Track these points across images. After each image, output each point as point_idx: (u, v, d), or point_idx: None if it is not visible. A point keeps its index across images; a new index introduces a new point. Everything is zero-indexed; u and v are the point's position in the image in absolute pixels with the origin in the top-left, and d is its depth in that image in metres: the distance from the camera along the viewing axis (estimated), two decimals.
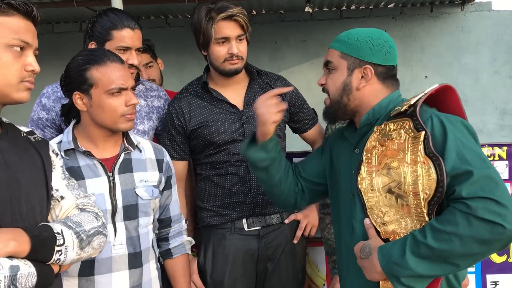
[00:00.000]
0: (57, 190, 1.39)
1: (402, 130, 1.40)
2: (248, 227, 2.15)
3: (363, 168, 1.47)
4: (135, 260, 1.72)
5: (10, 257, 1.15)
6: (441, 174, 1.29)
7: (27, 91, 1.30)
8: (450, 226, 1.26)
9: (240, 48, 2.07)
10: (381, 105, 1.54)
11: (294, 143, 2.61)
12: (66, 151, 1.69)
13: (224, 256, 2.15)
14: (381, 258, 1.36)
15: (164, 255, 1.91)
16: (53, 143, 1.69)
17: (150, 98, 2.22)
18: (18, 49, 1.26)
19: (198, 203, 2.24)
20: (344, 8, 5.13)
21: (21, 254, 1.17)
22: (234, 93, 2.17)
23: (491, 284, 2.50)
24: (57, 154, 1.46)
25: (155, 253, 1.83)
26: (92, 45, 2.01)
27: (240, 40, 2.08)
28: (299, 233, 2.25)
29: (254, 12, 5.16)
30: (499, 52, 5.10)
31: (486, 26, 5.08)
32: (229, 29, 2.04)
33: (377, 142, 1.45)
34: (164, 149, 1.90)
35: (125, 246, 1.70)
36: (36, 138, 1.40)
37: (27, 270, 1.16)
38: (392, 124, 1.44)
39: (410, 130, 1.37)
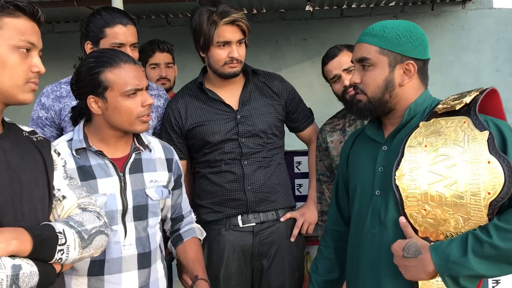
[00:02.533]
0: (59, 189, 1.39)
1: (459, 129, 1.36)
2: (243, 223, 2.17)
3: (404, 164, 1.42)
4: (144, 261, 1.72)
5: (12, 256, 1.16)
6: (509, 175, 1.27)
7: (31, 92, 1.31)
8: None
9: (240, 52, 2.10)
10: (417, 103, 1.52)
11: (295, 142, 2.61)
12: (77, 150, 1.68)
13: (219, 251, 2.17)
14: (436, 258, 1.32)
15: (175, 242, 1.91)
16: (62, 141, 1.69)
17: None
18: (24, 50, 1.27)
19: (195, 200, 2.27)
20: (345, 6, 5.13)
21: (23, 253, 1.17)
22: (230, 93, 2.19)
23: (493, 283, 2.50)
24: (58, 154, 1.45)
25: (162, 252, 1.84)
26: (88, 45, 2.04)
27: (240, 44, 2.09)
28: (295, 231, 2.25)
29: (255, 11, 5.16)
30: (500, 50, 5.09)
31: (487, 24, 5.07)
32: (231, 33, 2.06)
33: (423, 138, 1.41)
34: (172, 148, 1.90)
35: (134, 246, 1.70)
36: (38, 138, 1.41)
37: (29, 269, 1.17)
38: (444, 121, 1.40)
39: (469, 129, 1.34)
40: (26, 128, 1.41)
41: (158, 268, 1.79)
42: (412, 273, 1.37)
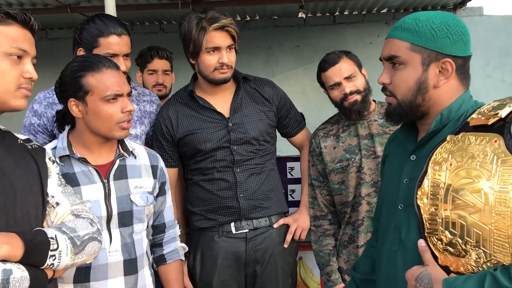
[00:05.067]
0: (52, 196, 1.39)
1: (488, 148, 1.17)
2: (236, 230, 2.17)
3: (426, 182, 1.25)
4: (130, 267, 1.72)
5: (4, 261, 1.16)
6: None
7: (24, 98, 1.31)
8: None
9: (230, 57, 2.10)
10: (452, 109, 1.33)
11: (288, 147, 2.62)
12: (61, 157, 1.69)
13: (212, 258, 2.17)
14: None
15: (158, 261, 1.91)
16: (47, 149, 1.69)
17: (142, 102, 2.23)
18: (16, 57, 1.28)
19: (188, 207, 2.27)
20: (337, 13, 5.16)
21: (14, 258, 1.17)
22: (221, 100, 2.19)
23: None
24: (53, 162, 1.46)
25: (148, 259, 1.83)
26: (80, 52, 2.02)
27: (230, 49, 2.10)
28: (289, 237, 2.26)
29: (248, 18, 5.18)
30: (491, 56, 5.15)
31: (478, 31, 5.12)
32: (220, 39, 2.07)
33: (449, 155, 1.23)
34: (158, 155, 1.90)
35: (120, 252, 1.70)
36: (33, 146, 1.41)
37: (20, 274, 1.17)
38: (474, 137, 1.21)
39: (500, 151, 1.15)
40: (22, 136, 1.42)
41: (146, 275, 1.78)
42: None
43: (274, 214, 2.24)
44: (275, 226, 2.23)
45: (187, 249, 2.02)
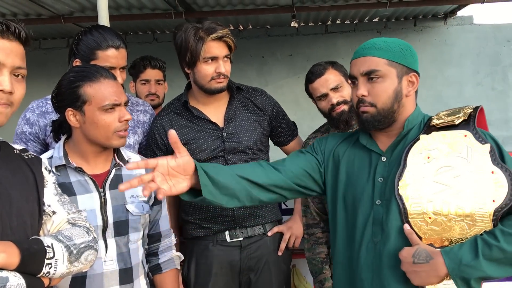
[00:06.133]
0: (49, 205, 1.40)
1: (461, 141, 1.46)
2: (230, 238, 2.17)
3: (408, 175, 1.48)
4: (126, 276, 1.72)
5: (0, 269, 1.16)
6: (511, 184, 1.37)
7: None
8: None
9: (226, 67, 2.12)
10: (414, 116, 1.59)
11: (281, 156, 2.62)
12: (57, 167, 1.69)
13: (206, 266, 2.17)
14: (449, 261, 1.39)
15: (154, 270, 1.91)
16: (43, 158, 1.70)
17: (136, 112, 2.24)
18: None
19: (182, 216, 2.27)
20: (329, 22, 5.21)
21: (11, 266, 1.18)
22: (215, 110, 2.20)
23: None
24: (49, 171, 1.47)
25: (144, 268, 1.83)
26: (76, 63, 2.01)
27: (226, 59, 2.12)
28: (283, 245, 2.26)
29: (241, 27, 5.22)
30: (481, 64, 5.21)
31: (468, 40, 5.19)
32: (218, 49, 2.08)
33: (425, 151, 1.49)
34: None
35: (116, 262, 1.70)
36: (29, 156, 1.42)
37: (16, 282, 1.17)
38: (446, 134, 1.49)
39: (471, 142, 1.44)
40: (17, 146, 1.42)
41: (141, 284, 1.78)
42: (422, 278, 1.43)
43: (268, 222, 2.24)
44: (269, 234, 2.23)
45: (182, 258, 2.02)
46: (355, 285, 1.59)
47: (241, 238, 2.18)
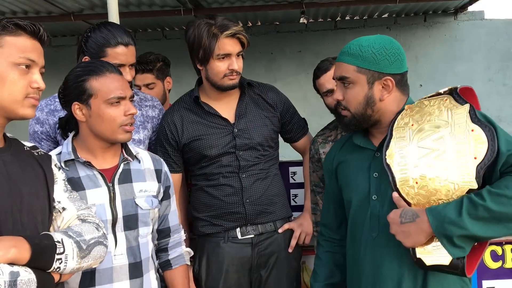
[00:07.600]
0: (59, 202, 1.42)
1: (442, 105, 1.49)
2: (241, 235, 2.18)
3: (393, 143, 1.51)
4: (135, 270, 1.73)
5: (11, 263, 1.18)
6: (491, 139, 1.40)
7: (31, 107, 1.34)
8: (509, 190, 1.37)
9: (239, 64, 2.12)
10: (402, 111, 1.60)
11: (290, 152, 2.63)
12: (66, 162, 1.71)
13: (218, 264, 2.17)
14: (433, 219, 1.41)
15: (164, 266, 1.92)
16: (52, 155, 1.71)
17: (144, 107, 2.25)
18: (24, 67, 1.31)
19: (193, 213, 2.27)
20: (338, 18, 5.19)
21: (22, 261, 1.20)
22: (226, 106, 2.20)
23: None
24: (59, 168, 1.49)
25: (154, 263, 1.84)
26: (85, 59, 2.01)
27: (238, 56, 2.12)
28: (293, 242, 2.26)
29: (250, 24, 5.21)
30: (492, 60, 5.15)
31: (479, 35, 5.13)
32: (231, 46, 2.08)
33: (410, 118, 1.52)
34: (162, 160, 1.92)
35: (125, 256, 1.71)
36: (39, 153, 1.44)
37: (27, 277, 1.19)
38: (427, 101, 1.53)
39: (451, 104, 1.48)
40: (28, 144, 1.45)
41: (151, 279, 1.79)
42: (411, 237, 1.44)
43: (279, 219, 2.25)
44: (280, 231, 2.24)
45: (193, 254, 2.03)
46: (360, 280, 1.64)
47: (252, 235, 2.18)
